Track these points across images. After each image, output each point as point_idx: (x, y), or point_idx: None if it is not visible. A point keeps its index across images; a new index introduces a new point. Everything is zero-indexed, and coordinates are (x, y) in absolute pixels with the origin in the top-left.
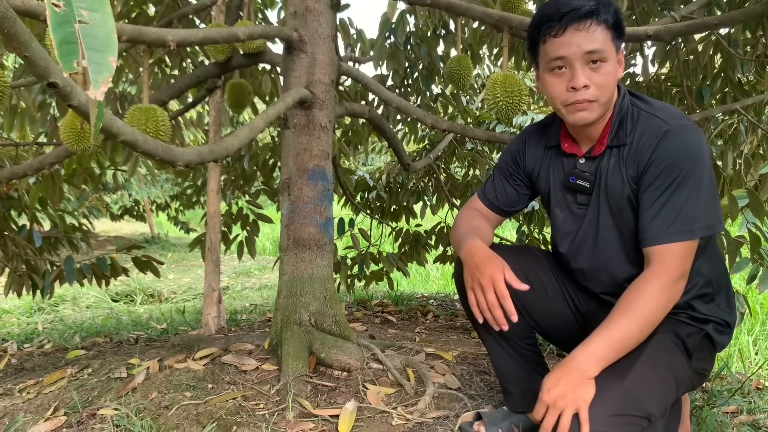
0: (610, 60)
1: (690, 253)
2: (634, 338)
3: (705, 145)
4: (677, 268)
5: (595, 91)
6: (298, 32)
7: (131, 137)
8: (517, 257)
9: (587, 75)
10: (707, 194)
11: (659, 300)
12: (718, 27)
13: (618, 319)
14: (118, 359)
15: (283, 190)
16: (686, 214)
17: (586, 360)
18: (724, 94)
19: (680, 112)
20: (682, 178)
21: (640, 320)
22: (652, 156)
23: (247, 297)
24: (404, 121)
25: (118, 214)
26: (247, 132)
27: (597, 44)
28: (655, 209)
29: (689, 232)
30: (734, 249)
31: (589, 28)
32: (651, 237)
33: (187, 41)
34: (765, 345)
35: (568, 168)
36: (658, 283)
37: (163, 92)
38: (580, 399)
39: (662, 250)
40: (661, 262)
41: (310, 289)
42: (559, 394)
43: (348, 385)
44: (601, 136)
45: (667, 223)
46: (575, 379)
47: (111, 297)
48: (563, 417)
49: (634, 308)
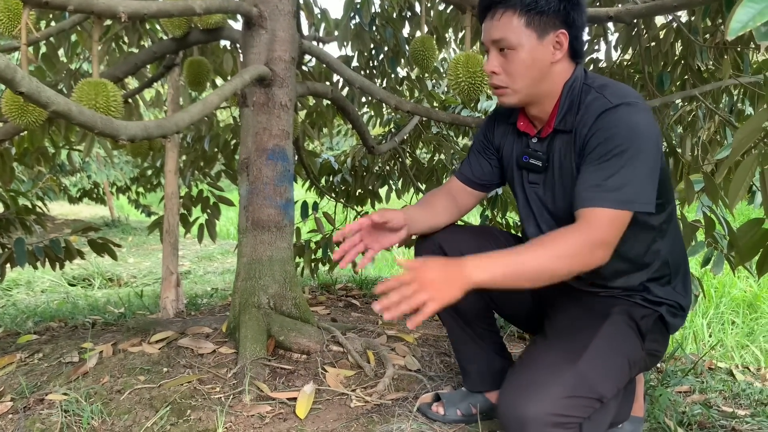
0: (522, 47)
1: (618, 224)
2: (530, 275)
3: (650, 126)
4: (600, 232)
5: (504, 77)
6: (258, 7)
7: (64, 107)
8: (475, 237)
9: (497, 62)
10: (643, 172)
11: (571, 253)
12: (677, 9)
13: (525, 251)
14: (71, 344)
15: (241, 170)
16: (619, 184)
17: (476, 268)
18: (684, 81)
19: (632, 91)
20: (619, 152)
21: (543, 262)
22: (590, 131)
23: (209, 281)
24: (370, 103)
25: (77, 196)
26: (200, 108)
27: (501, 33)
28: (591, 174)
29: (621, 202)
30: (690, 233)
31: (495, 16)
32: (580, 200)
33: (140, 13)
34: (718, 327)
35: (522, 146)
36: (578, 238)
37: (118, 68)
38: (443, 294)
39: (589, 212)
40: (586, 222)
41: (269, 271)
42: (432, 278)
43: (307, 368)
44: (549, 118)
45: (599, 190)
46: (455, 275)
47: (68, 281)
48: (416, 296)
49: (544, 248)
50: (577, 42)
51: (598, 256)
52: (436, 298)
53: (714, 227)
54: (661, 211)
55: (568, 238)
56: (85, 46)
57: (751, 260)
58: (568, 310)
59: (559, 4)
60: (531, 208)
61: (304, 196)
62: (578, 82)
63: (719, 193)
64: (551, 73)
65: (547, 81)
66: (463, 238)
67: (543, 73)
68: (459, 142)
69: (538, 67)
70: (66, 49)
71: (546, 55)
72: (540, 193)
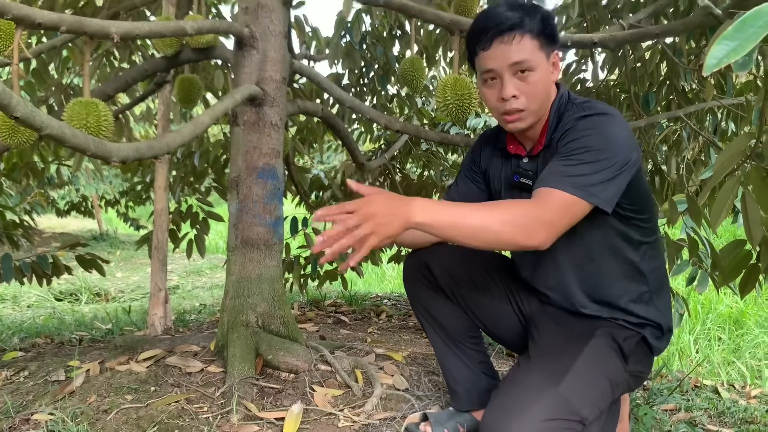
0: (539, 68)
1: (571, 210)
2: (468, 232)
3: (624, 137)
4: (550, 212)
5: (525, 100)
6: (250, 28)
7: (57, 131)
8: (463, 256)
9: (515, 85)
10: (608, 173)
11: (514, 220)
12: (661, 36)
13: (473, 207)
14: (57, 361)
15: (231, 188)
16: (579, 173)
17: (420, 208)
18: (669, 101)
19: (611, 108)
20: (589, 150)
21: (486, 221)
22: (566, 132)
23: (197, 296)
24: (360, 120)
25: (65, 209)
26: (191, 128)
27: (523, 55)
28: (552, 166)
29: (575, 187)
30: (674, 252)
31: (514, 40)
32: (541, 181)
33: (132, 34)
34: (705, 344)
35: (513, 167)
36: (526, 210)
37: (109, 85)
38: (384, 228)
39: (545, 191)
40: (540, 199)
41: (258, 289)
42: (374, 212)
43: (295, 387)
44: (540, 136)
45: (559, 175)
46: (398, 212)
47: (54, 296)
48: (358, 231)
49: (492, 209)
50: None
51: (542, 235)
52: (377, 232)
53: (698, 247)
54: (643, 228)
55: (519, 208)
56: (75, 62)
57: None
58: (552, 331)
59: (552, 25)
60: None
61: (294, 212)
62: (564, 100)
63: (702, 214)
64: (551, 92)
65: (549, 100)
66: (449, 256)
67: (550, 93)
68: (448, 159)
69: (548, 87)
70: (57, 65)
71: (550, 75)
72: None
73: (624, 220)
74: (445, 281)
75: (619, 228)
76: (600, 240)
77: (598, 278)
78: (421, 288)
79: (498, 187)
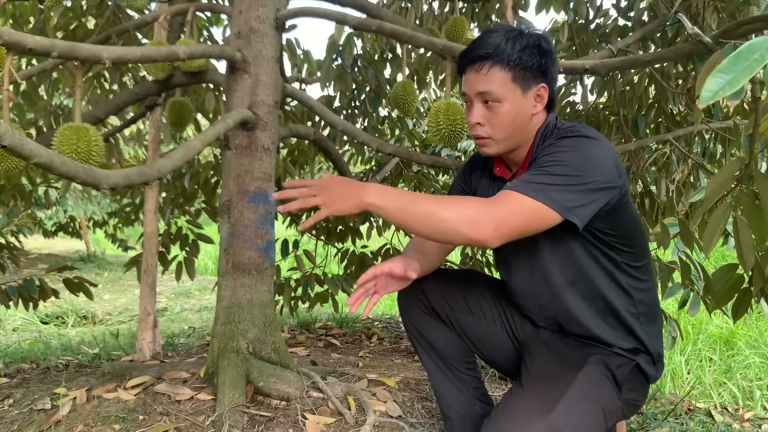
0: (507, 101)
1: (526, 213)
2: (415, 217)
3: (604, 158)
4: (503, 210)
5: (489, 129)
6: (242, 53)
7: (46, 159)
8: (458, 283)
9: (482, 113)
10: (579, 188)
11: (463, 213)
12: (651, 63)
13: (424, 197)
14: (43, 388)
15: (222, 212)
16: (543, 182)
17: (373, 192)
18: (658, 124)
19: (593, 131)
20: (557, 165)
21: (433, 210)
22: (544, 149)
23: (186, 319)
24: (351, 142)
25: (52, 230)
26: (182, 153)
27: (488, 86)
28: (524, 175)
29: (536, 192)
30: (666, 276)
31: (482, 70)
32: (506, 186)
33: (124, 59)
34: (696, 365)
35: (497, 190)
36: (479, 205)
37: (100, 108)
38: (336, 203)
39: (503, 192)
40: (497, 198)
41: (248, 315)
42: (333, 188)
43: (286, 414)
44: (523, 162)
45: (523, 182)
46: (353, 192)
47: (40, 319)
48: (312, 200)
49: (442, 201)
50: (553, 93)
51: (487, 230)
52: (328, 204)
53: (690, 271)
54: (631, 254)
55: (471, 202)
56: (66, 83)
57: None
58: (545, 357)
59: (540, 59)
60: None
61: (285, 234)
62: (550, 127)
63: (694, 239)
64: (530, 124)
65: (526, 131)
66: (443, 281)
67: (524, 124)
68: (439, 180)
69: (520, 119)
70: (47, 86)
71: (528, 108)
72: None
73: (608, 246)
74: (440, 305)
75: (606, 252)
76: (588, 264)
77: (588, 302)
78: (416, 311)
79: None
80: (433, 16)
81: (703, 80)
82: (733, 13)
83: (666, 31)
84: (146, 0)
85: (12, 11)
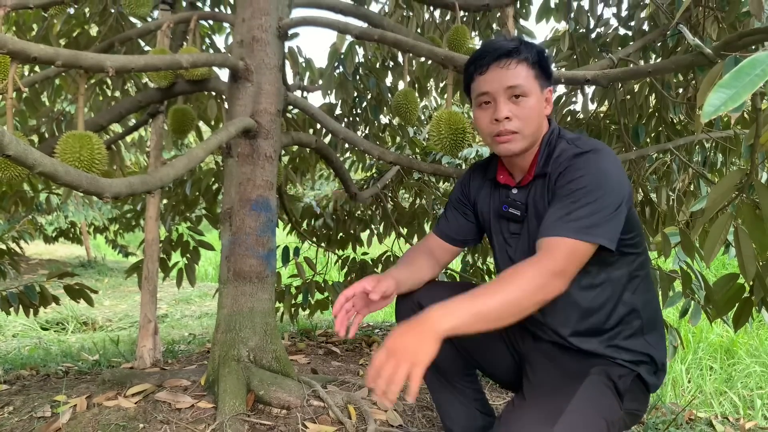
0: (532, 95)
1: (577, 255)
2: (496, 313)
3: (617, 172)
4: (560, 261)
5: (518, 122)
6: (245, 61)
7: (50, 168)
8: (453, 293)
9: (509, 108)
10: (608, 210)
11: (532, 284)
12: (652, 74)
13: (485, 291)
14: (43, 395)
15: (224, 220)
16: (581, 217)
17: (442, 316)
18: (659, 133)
19: (601, 143)
20: (586, 191)
21: (507, 297)
22: (562, 173)
23: (187, 326)
24: (352, 149)
25: (53, 236)
26: (185, 162)
27: (517, 80)
28: (555, 210)
29: (579, 232)
30: (667, 285)
31: (509, 65)
32: (543, 229)
33: (127, 68)
34: (697, 373)
35: (502, 197)
36: (536, 268)
37: (102, 116)
38: (420, 355)
39: (550, 241)
40: (545, 251)
41: (249, 323)
42: (404, 345)
43: (287, 423)
44: (530, 167)
45: (561, 222)
46: (424, 332)
47: (40, 325)
48: (398, 370)
49: (505, 285)
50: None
51: (558, 286)
52: (416, 361)
53: (691, 280)
54: (635, 260)
55: (527, 272)
56: (68, 90)
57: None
58: (547, 369)
59: (548, 64)
60: (513, 259)
61: (285, 240)
62: (554, 134)
63: (695, 248)
64: (543, 124)
65: (540, 131)
66: (441, 294)
67: (542, 122)
68: (440, 188)
69: (540, 116)
70: (49, 93)
71: (543, 107)
72: (521, 242)
73: (617, 253)
74: None
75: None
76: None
77: (592, 310)
78: None
79: (487, 217)
80: (434, 25)
81: (704, 93)
82: (733, 23)
83: (666, 41)
84: (149, 8)
85: (15, 18)
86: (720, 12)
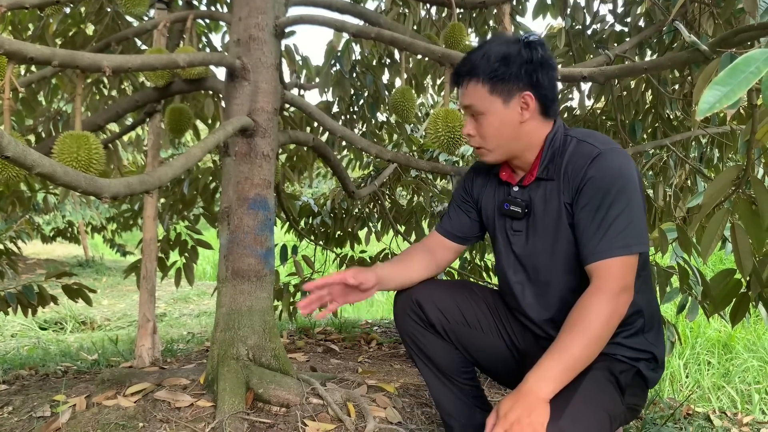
0: (489, 112)
1: (630, 268)
2: (585, 355)
3: (633, 168)
4: (618, 281)
5: (479, 140)
6: (242, 60)
7: (48, 169)
8: (452, 292)
9: (472, 125)
10: (638, 214)
11: (603, 314)
12: (649, 71)
13: (566, 338)
14: (42, 395)
15: (222, 219)
16: (622, 230)
17: (538, 382)
18: (655, 129)
19: (608, 138)
20: (615, 198)
21: (588, 336)
22: (585, 177)
23: (185, 324)
24: (350, 147)
25: (50, 235)
26: (182, 161)
27: (469, 100)
28: (593, 228)
29: (626, 247)
30: (665, 280)
31: (463, 86)
32: (590, 254)
33: (124, 67)
34: (695, 368)
35: (504, 195)
36: (600, 297)
37: (99, 116)
38: (536, 423)
39: (602, 265)
40: (601, 277)
41: (248, 322)
42: (516, 418)
43: (286, 421)
44: (532, 168)
45: (606, 240)
46: (530, 402)
47: (39, 325)
48: None
49: (581, 325)
50: (547, 99)
51: (625, 301)
52: (536, 428)
53: (688, 276)
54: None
55: (594, 305)
56: (65, 90)
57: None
58: None
59: (519, 69)
60: (515, 255)
61: (283, 239)
62: (559, 134)
63: (692, 244)
64: (524, 131)
65: (522, 138)
66: (439, 292)
67: (515, 132)
68: (437, 185)
69: (508, 128)
70: (46, 93)
71: (514, 117)
72: (523, 240)
73: None
74: (436, 317)
75: None
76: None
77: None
78: (412, 325)
79: (490, 214)
80: (431, 22)
81: (700, 90)
82: (728, 20)
83: (663, 38)
84: (145, 7)
85: (11, 18)
86: (716, 8)
